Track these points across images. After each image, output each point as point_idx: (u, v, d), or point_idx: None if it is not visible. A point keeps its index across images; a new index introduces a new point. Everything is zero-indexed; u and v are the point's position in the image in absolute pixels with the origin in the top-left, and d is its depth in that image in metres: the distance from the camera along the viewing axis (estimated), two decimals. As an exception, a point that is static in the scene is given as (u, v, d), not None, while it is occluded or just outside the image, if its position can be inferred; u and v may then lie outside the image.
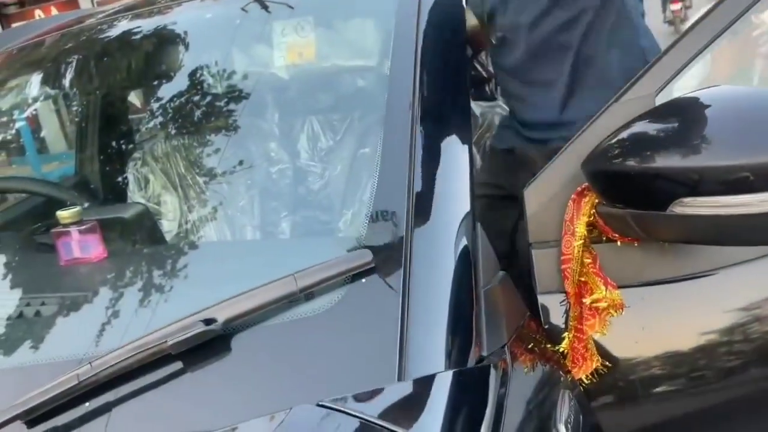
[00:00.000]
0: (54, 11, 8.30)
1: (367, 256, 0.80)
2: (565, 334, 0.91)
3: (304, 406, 0.68)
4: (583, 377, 0.91)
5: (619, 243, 0.91)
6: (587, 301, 0.86)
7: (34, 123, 1.95)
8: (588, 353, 0.89)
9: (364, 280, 0.80)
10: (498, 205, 1.42)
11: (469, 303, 0.81)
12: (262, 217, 1.28)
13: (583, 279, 0.89)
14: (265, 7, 1.46)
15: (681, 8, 11.90)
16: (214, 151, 1.43)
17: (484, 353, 0.77)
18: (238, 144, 1.43)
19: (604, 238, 0.92)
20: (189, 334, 0.73)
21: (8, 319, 1.01)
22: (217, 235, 1.30)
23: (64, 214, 1.10)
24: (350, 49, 1.40)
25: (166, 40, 1.56)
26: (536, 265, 0.95)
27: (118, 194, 1.60)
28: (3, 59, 1.68)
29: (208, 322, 0.75)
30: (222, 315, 0.76)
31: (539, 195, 0.95)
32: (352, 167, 1.27)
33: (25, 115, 1.77)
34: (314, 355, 0.75)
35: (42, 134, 2.02)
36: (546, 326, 0.95)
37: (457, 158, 1.00)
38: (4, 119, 1.71)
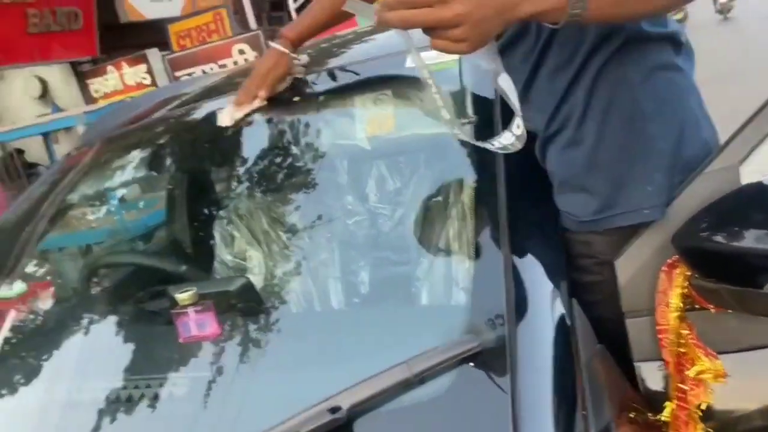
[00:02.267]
0: (125, 66, 8.82)
1: (474, 341, 0.86)
2: (667, 402, 0.94)
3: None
4: (687, 445, 0.93)
5: (713, 310, 0.94)
6: (691, 373, 0.89)
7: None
8: (691, 421, 0.92)
9: (471, 364, 0.86)
10: None
11: (572, 382, 0.85)
12: (367, 286, 1.35)
13: (682, 350, 0.92)
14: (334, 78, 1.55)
15: (727, 0, 13.91)
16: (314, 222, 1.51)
17: (592, 432, 0.81)
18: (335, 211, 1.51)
19: (697, 306, 0.95)
20: (318, 423, 0.81)
21: (132, 401, 1.10)
22: (321, 302, 1.38)
23: (183, 297, 1.21)
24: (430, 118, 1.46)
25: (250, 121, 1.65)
26: (631, 334, 0.99)
27: (212, 258, 1.70)
28: (105, 140, 1.84)
29: (334, 410, 0.82)
30: (345, 402, 0.83)
31: (630, 265, 0.99)
32: (446, 234, 1.32)
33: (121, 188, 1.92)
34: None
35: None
36: (644, 393, 0.98)
37: (547, 231, 1.05)
38: (105, 188, 1.86)
